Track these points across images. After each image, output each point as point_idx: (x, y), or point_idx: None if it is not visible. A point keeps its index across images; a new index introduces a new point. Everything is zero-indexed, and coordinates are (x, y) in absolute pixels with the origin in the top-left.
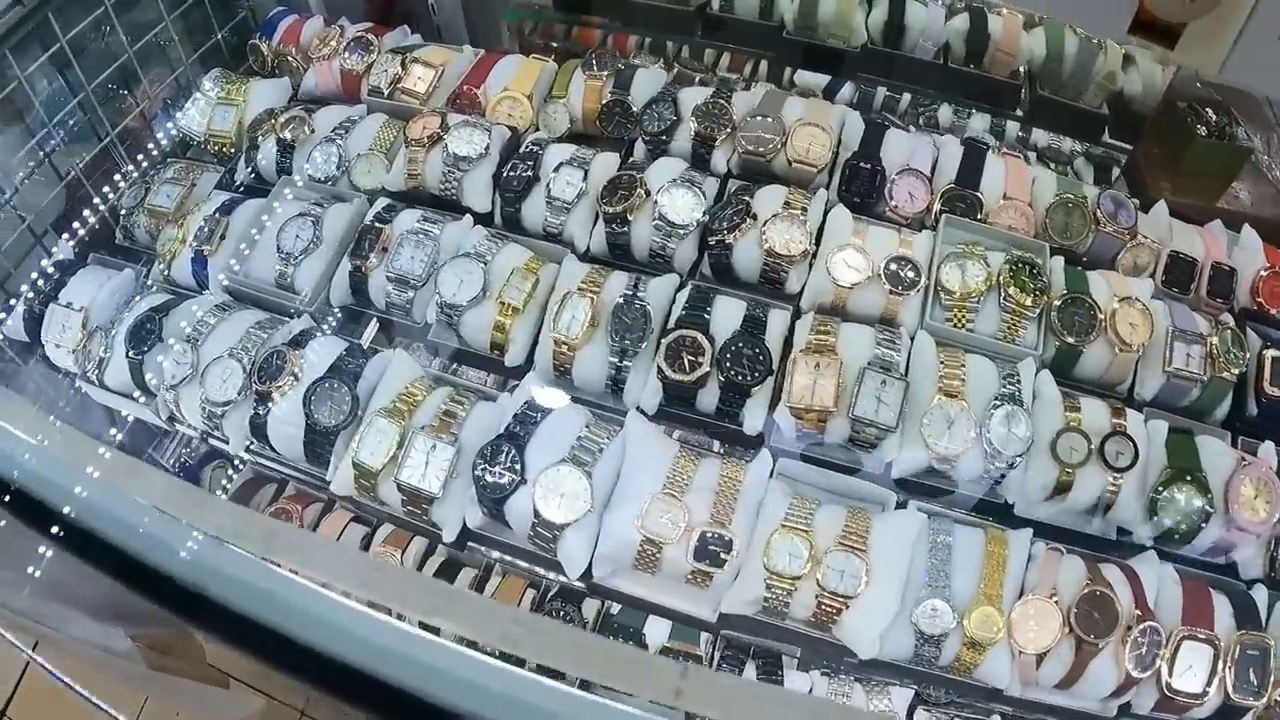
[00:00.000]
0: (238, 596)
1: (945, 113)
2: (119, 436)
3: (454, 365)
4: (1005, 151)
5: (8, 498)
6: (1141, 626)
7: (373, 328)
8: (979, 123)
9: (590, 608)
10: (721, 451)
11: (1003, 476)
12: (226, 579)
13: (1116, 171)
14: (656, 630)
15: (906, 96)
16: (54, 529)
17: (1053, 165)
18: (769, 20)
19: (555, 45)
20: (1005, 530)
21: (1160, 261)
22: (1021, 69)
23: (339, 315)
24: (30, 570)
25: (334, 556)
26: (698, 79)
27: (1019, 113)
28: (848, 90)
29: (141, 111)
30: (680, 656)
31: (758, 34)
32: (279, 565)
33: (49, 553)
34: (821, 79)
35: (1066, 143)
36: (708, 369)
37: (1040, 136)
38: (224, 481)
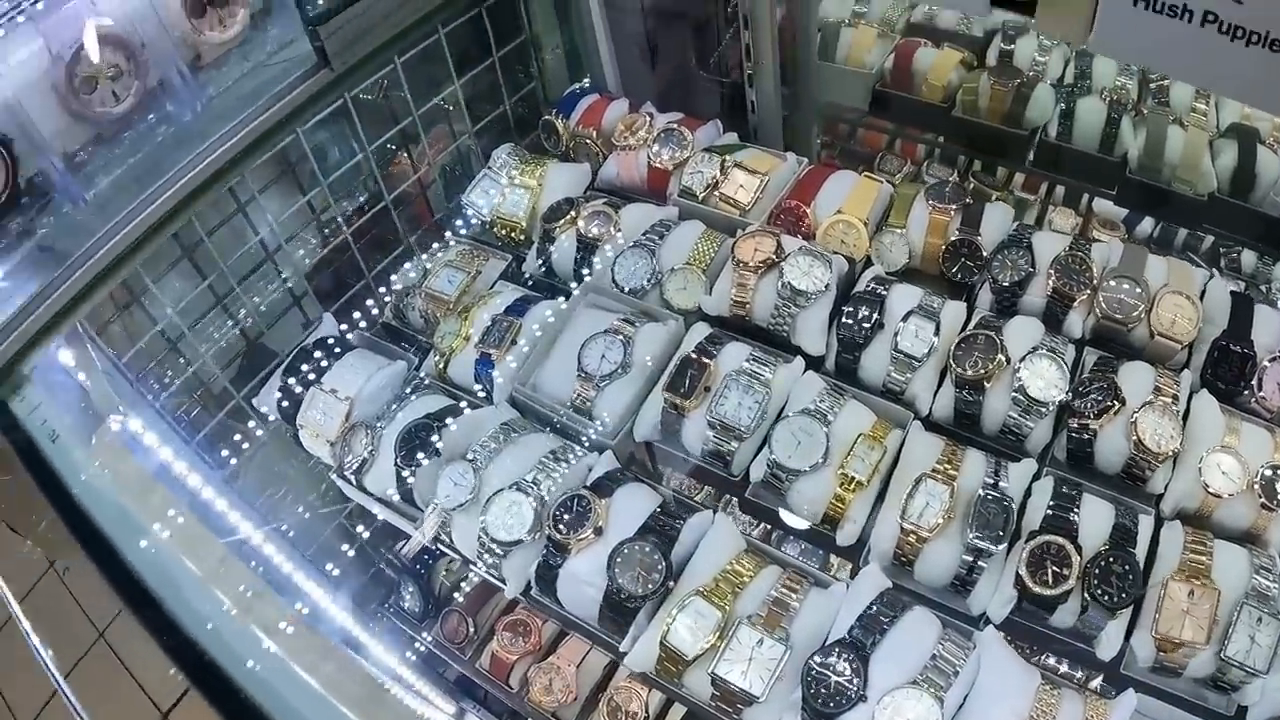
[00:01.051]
0: None
1: (1249, 258)
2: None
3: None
4: None
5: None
6: None
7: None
8: None
9: None
10: (1072, 675)
11: None
12: None
13: None
14: None
15: (1209, 239)
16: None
17: None
18: (1109, 154)
19: (829, 141)
20: None
21: None
22: None
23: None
24: None
25: None
26: (995, 196)
27: None
28: (1148, 224)
29: (419, 179)
30: None
31: (1095, 168)
32: None
33: None
34: (1121, 210)
35: None
36: (1073, 584)
37: None
38: (462, 583)
